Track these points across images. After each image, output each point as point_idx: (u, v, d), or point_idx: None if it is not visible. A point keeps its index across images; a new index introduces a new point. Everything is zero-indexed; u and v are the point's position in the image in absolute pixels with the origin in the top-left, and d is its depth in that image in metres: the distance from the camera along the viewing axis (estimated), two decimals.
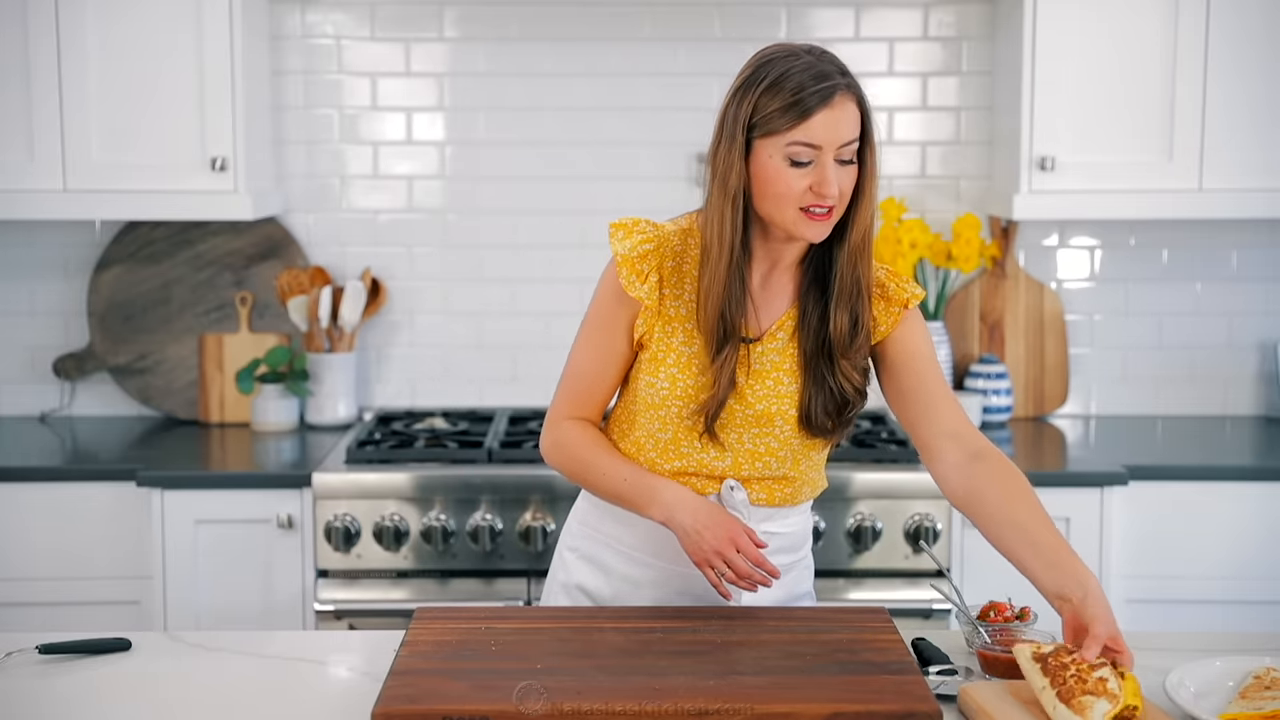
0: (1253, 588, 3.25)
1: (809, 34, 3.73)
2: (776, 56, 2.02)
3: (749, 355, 2.11)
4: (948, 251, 3.69)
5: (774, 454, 2.14)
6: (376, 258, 3.79)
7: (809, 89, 1.97)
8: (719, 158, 2.04)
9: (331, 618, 3.14)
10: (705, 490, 2.15)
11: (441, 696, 1.77)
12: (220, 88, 3.39)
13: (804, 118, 1.97)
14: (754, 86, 2.01)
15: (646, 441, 2.16)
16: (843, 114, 2.00)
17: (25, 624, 3.17)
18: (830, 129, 1.98)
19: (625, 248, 2.11)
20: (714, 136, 2.06)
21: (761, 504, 2.17)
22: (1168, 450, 3.55)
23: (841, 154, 2.01)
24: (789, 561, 2.24)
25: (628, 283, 2.10)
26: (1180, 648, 2.12)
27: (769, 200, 2.02)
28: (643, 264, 2.11)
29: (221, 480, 3.21)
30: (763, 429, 2.13)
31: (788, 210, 2.01)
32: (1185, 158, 3.43)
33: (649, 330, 2.13)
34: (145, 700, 1.93)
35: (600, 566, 2.25)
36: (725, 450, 2.13)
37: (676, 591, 2.21)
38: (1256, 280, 3.82)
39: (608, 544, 2.24)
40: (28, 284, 3.79)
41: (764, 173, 2.01)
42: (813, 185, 2.00)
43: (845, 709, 1.75)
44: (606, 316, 2.15)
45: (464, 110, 3.76)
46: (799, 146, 1.98)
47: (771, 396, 2.12)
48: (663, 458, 2.15)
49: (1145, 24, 3.40)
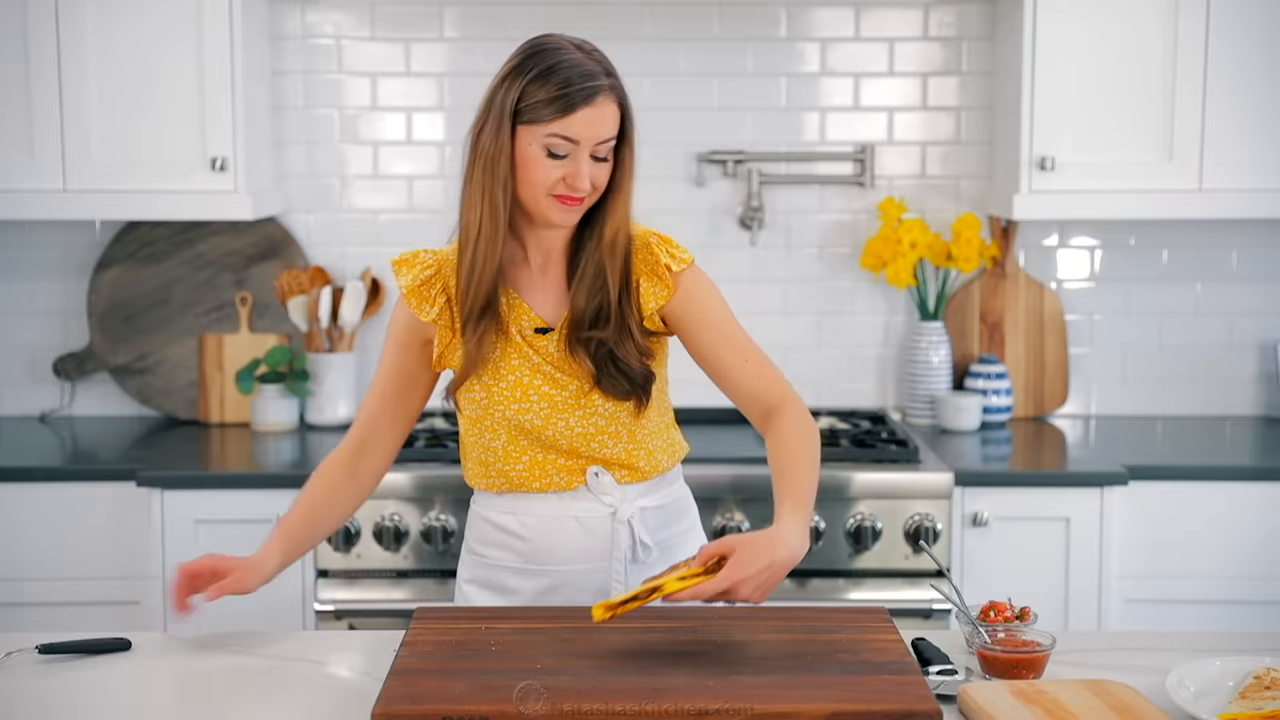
0: (1253, 588, 3.25)
1: (809, 34, 3.74)
2: (548, 48, 2.11)
3: (548, 345, 2.17)
4: (948, 251, 3.69)
5: (603, 431, 2.20)
6: (376, 258, 3.79)
7: (574, 85, 2.06)
8: (484, 139, 2.09)
9: (331, 618, 3.14)
10: (571, 484, 2.21)
11: (441, 696, 1.77)
12: (220, 88, 3.39)
13: (566, 113, 2.05)
14: (523, 74, 2.08)
15: (491, 457, 2.22)
16: (603, 113, 2.08)
17: (25, 624, 3.17)
18: (589, 126, 2.06)
19: (408, 280, 2.21)
20: (478, 118, 2.12)
21: (627, 481, 2.23)
22: (1168, 450, 3.55)
23: (598, 150, 2.09)
24: (680, 530, 2.31)
25: (418, 309, 2.19)
26: (1180, 648, 2.11)
27: (525, 185, 2.09)
28: (428, 289, 2.19)
29: (221, 480, 3.21)
30: (584, 411, 2.19)
31: (540, 196, 2.09)
32: (1185, 158, 3.43)
33: (447, 349, 2.20)
34: (145, 700, 1.93)
35: (499, 590, 2.28)
36: (557, 437, 2.19)
37: (581, 590, 2.24)
38: (1256, 280, 3.82)
39: (496, 565, 2.28)
40: (28, 284, 3.79)
41: (522, 158, 2.08)
42: (566, 176, 2.08)
43: (845, 709, 1.75)
44: (400, 346, 2.24)
45: (464, 110, 3.76)
46: (557, 139, 2.06)
47: (579, 377, 2.18)
48: (511, 463, 2.21)
49: (1145, 24, 3.40)
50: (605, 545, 2.23)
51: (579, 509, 2.23)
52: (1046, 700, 1.83)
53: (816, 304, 3.81)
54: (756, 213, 3.75)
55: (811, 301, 3.81)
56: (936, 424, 3.69)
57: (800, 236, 3.80)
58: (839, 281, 3.82)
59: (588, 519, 2.23)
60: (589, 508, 2.22)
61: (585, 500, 2.23)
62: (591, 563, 2.23)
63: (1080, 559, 3.21)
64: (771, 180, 3.78)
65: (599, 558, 2.24)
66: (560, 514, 2.22)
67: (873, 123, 3.78)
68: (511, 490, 2.23)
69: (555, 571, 2.24)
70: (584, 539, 2.23)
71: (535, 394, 2.18)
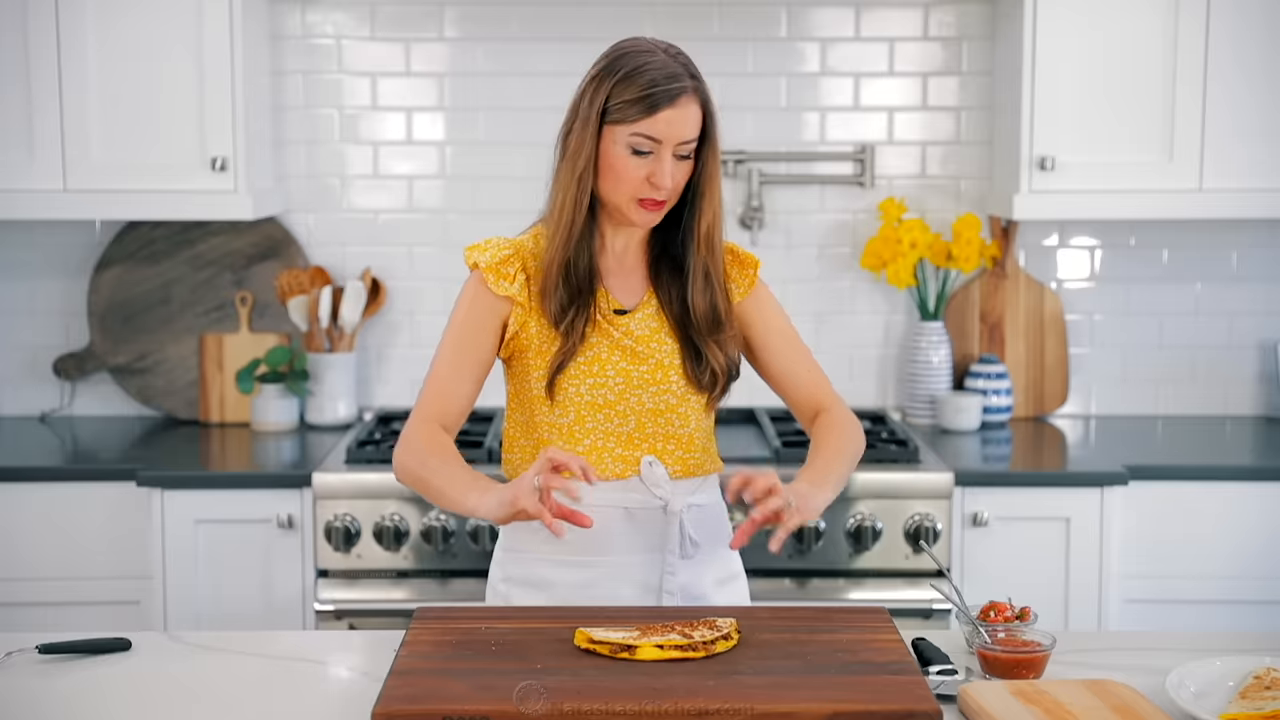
0: (1253, 588, 3.25)
1: (809, 34, 3.74)
2: (634, 50, 2.18)
3: (629, 324, 2.24)
4: (948, 251, 3.69)
5: (673, 410, 2.24)
6: (376, 258, 3.79)
7: (659, 86, 2.13)
8: (572, 139, 2.18)
9: (331, 618, 3.14)
10: (625, 473, 2.23)
11: (441, 696, 1.77)
12: (220, 88, 3.39)
13: (650, 113, 2.12)
14: (610, 76, 2.15)
15: (553, 436, 2.24)
16: (686, 113, 2.14)
17: (25, 624, 3.17)
18: (672, 126, 2.13)
19: (486, 258, 2.24)
20: (567, 119, 2.21)
21: (679, 475, 2.25)
22: (1168, 450, 3.55)
23: (679, 150, 2.16)
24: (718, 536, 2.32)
25: (496, 285, 2.22)
26: (1180, 648, 2.11)
27: (608, 182, 2.17)
28: (507, 266, 2.23)
29: (221, 480, 3.21)
30: (658, 387, 2.23)
31: (622, 194, 2.17)
32: (1185, 158, 3.43)
33: (522, 327, 2.23)
34: (145, 700, 1.93)
35: (535, 585, 2.26)
36: (628, 413, 2.22)
37: (626, 582, 2.24)
38: (1256, 280, 3.82)
39: (539, 559, 2.26)
40: (28, 284, 3.79)
41: (607, 157, 2.16)
42: (649, 175, 2.15)
43: (845, 709, 1.75)
44: (474, 325, 2.24)
45: (464, 110, 3.77)
46: (641, 138, 2.13)
47: (659, 353, 2.24)
48: (572, 444, 2.22)
49: (1145, 24, 3.40)
50: (652, 539, 2.24)
51: (629, 500, 2.23)
52: (1046, 700, 1.83)
53: (816, 304, 3.81)
54: (757, 212, 3.75)
55: (811, 301, 3.81)
56: (936, 424, 3.69)
57: (800, 236, 3.81)
58: (839, 281, 3.82)
59: (637, 510, 2.23)
60: (640, 499, 2.23)
61: (636, 491, 2.23)
62: (635, 555, 2.24)
63: (1080, 559, 3.22)
64: (772, 180, 3.78)
65: (643, 550, 2.24)
66: (610, 503, 2.22)
67: (873, 123, 3.78)
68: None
69: (598, 563, 2.23)
70: (631, 531, 2.23)
71: (612, 369, 2.22)
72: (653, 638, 1.92)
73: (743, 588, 2.38)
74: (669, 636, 1.92)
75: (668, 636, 1.92)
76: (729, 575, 2.35)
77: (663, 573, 2.24)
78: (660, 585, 2.24)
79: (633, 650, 1.90)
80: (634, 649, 1.90)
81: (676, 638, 1.92)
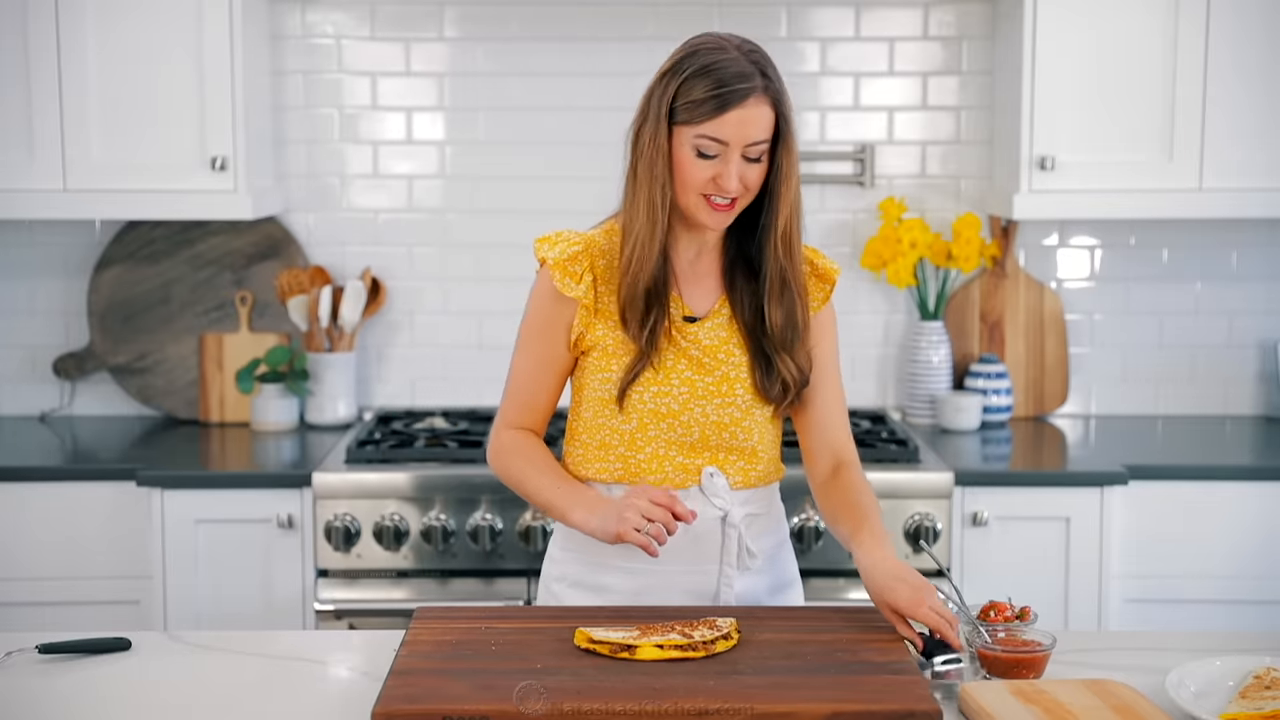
0: (1253, 588, 3.25)
1: (809, 34, 3.74)
2: (705, 48, 2.10)
3: (697, 333, 2.18)
4: (948, 251, 3.69)
5: (737, 423, 2.19)
6: (376, 257, 3.79)
7: (726, 86, 2.05)
8: (643, 138, 2.10)
9: (331, 618, 3.14)
10: (685, 483, 2.19)
11: (441, 696, 1.77)
12: (220, 88, 3.39)
13: (716, 113, 2.05)
14: (679, 74, 2.08)
15: (615, 441, 2.19)
16: (755, 114, 2.06)
17: (25, 624, 3.17)
18: (739, 127, 2.05)
19: (555, 254, 2.17)
20: (637, 117, 2.13)
21: (740, 486, 2.21)
22: (1168, 450, 3.55)
23: (749, 152, 2.07)
24: (776, 542, 2.30)
25: (563, 285, 2.16)
26: (1180, 648, 2.11)
27: (678, 184, 2.10)
28: (575, 265, 2.16)
29: (221, 480, 3.21)
30: (723, 400, 2.18)
31: (689, 195, 2.09)
32: (1185, 157, 3.43)
33: (587, 328, 2.18)
34: (145, 700, 1.93)
35: (594, 589, 2.24)
36: (691, 424, 2.18)
37: (681, 592, 2.21)
38: (1256, 280, 3.82)
39: (599, 562, 2.23)
40: (28, 284, 3.79)
41: (676, 158, 2.09)
42: (715, 177, 2.07)
43: (845, 709, 1.75)
44: (544, 323, 2.21)
45: (464, 110, 3.77)
46: (706, 140, 2.06)
47: (726, 364, 2.18)
48: (634, 450, 2.18)
49: (1145, 24, 3.40)
50: (710, 549, 2.20)
51: None
52: (1046, 700, 1.83)
53: None
54: None
55: None
56: (936, 424, 3.69)
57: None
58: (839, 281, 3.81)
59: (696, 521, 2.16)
60: (699, 509, 2.17)
61: (695, 501, 2.18)
62: (692, 565, 2.20)
63: (1080, 559, 3.22)
64: None
65: (701, 560, 2.20)
66: None
67: (873, 122, 3.78)
68: (628, 479, 2.19)
69: (655, 571, 2.19)
70: (689, 541, 2.18)
71: (677, 378, 2.17)
72: (652, 637, 1.92)
73: (798, 594, 2.35)
74: (669, 636, 1.93)
75: (668, 636, 1.93)
76: (785, 582, 2.32)
77: (719, 584, 2.21)
78: (716, 594, 2.21)
79: (633, 650, 1.90)
80: (634, 649, 1.90)
81: (676, 637, 1.92)
